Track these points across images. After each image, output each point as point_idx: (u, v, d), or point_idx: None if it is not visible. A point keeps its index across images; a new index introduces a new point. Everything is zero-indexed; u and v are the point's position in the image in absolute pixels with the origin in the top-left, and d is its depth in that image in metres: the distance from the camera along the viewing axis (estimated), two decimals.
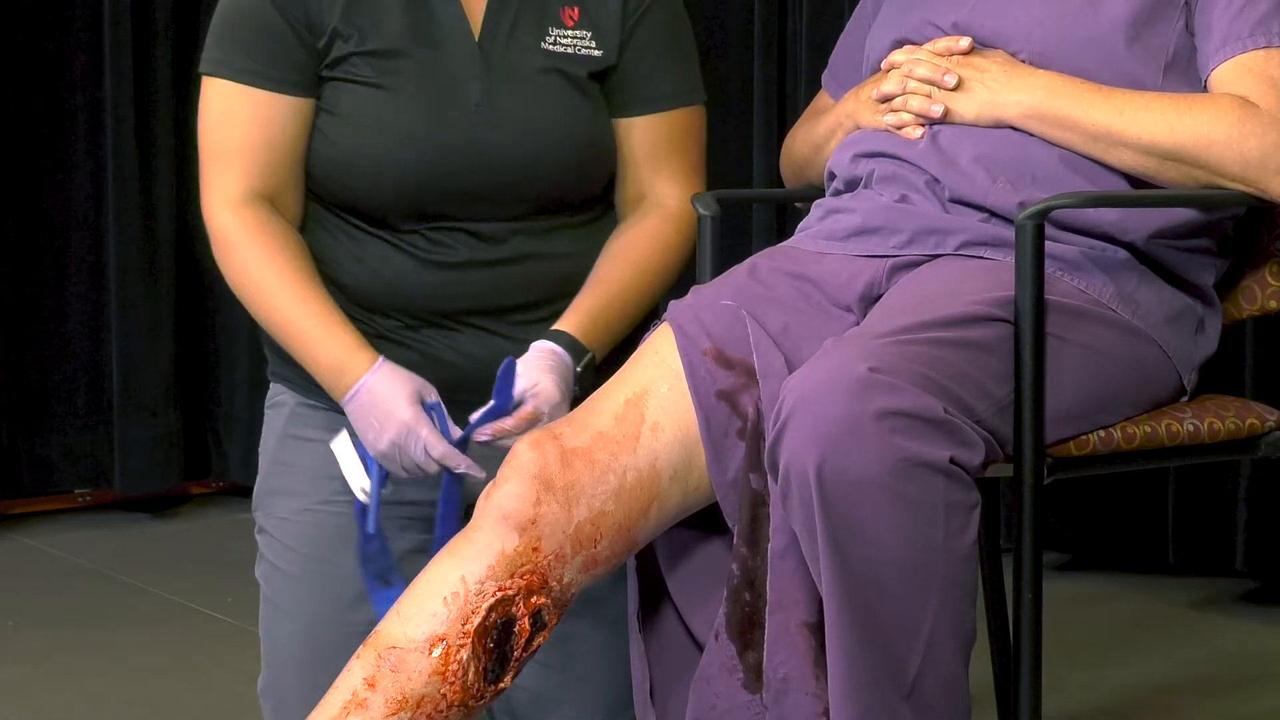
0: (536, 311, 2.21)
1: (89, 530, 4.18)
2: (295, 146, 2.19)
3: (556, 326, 2.15)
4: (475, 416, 2.07)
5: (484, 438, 2.06)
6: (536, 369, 2.09)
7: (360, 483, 2.11)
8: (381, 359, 2.12)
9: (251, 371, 4.34)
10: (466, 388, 2.16)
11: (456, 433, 2.08)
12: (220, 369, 4.41)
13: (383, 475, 2.11)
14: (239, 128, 2.18)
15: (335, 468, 2.20)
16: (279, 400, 2.30)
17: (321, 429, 2.23)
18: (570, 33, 2.21)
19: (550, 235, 2.22)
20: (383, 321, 2.20)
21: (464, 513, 2.02)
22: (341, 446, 2.13)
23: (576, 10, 2.22)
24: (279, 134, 2.18)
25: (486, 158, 2.17)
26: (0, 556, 3.96)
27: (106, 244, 4.24)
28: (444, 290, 2.19)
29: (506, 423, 2.05)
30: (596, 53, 2.22)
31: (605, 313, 2.18)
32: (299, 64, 2.17)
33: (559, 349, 2.12)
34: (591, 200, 2.27)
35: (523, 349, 2.15)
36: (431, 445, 2.06)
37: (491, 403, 2.07)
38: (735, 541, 1.89)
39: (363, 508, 2.11)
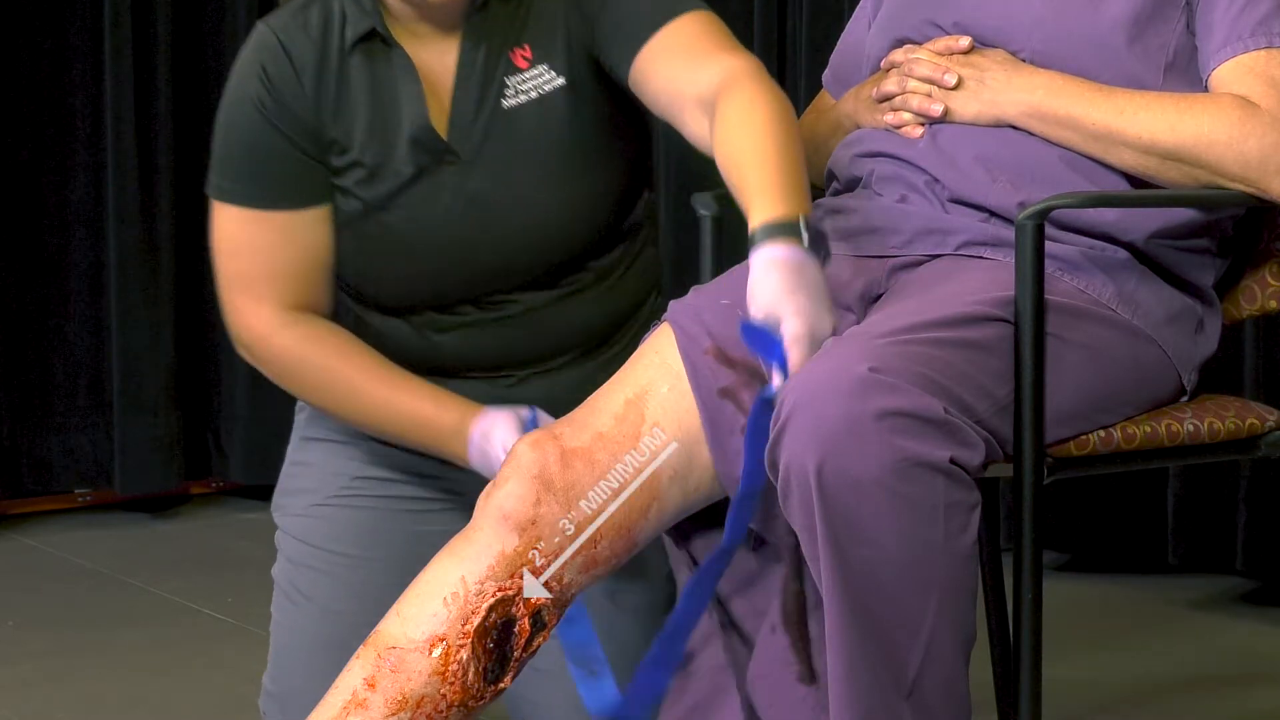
0: (541, 365, 2.18)
1: (89, 530, 4.18)
2: (320, 255, 2.15)
3: (754, 223, 1.84)
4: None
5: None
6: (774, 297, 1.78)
7: None
8: (476, 419, 2.09)
9: (251, 371, 4.30)
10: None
11: None
12: (220, 369, 4.41)
13: None
14: (259, 254, 2.13)
15: (346, 465, 2.21)
16: (301, 404, 2.32)
17: (334, 430, 2.24)
18: (526, 75, 2.12)
19: (564, 299, 2.17)
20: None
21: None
22: None
23: (527, 47, 2.12)
24: (301, 250, 2.14)
25: (475, 249, 2.13)
26: (0, 556, 3.96)
27: (106, 244, 4.24)
28: (445, 350, 2.17)
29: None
30: (558, 81, 2.11)
31: (782, 176, 1.87)
32: (309, 179, 2.13)
33: (779, 250, 1.79)
34: (608, 245, 2.19)
35: (511, 395, 2.13)
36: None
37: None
38: (780, 531, 1.89)
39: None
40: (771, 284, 1.78)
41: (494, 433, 2.07)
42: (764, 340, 1.79)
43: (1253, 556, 3.43)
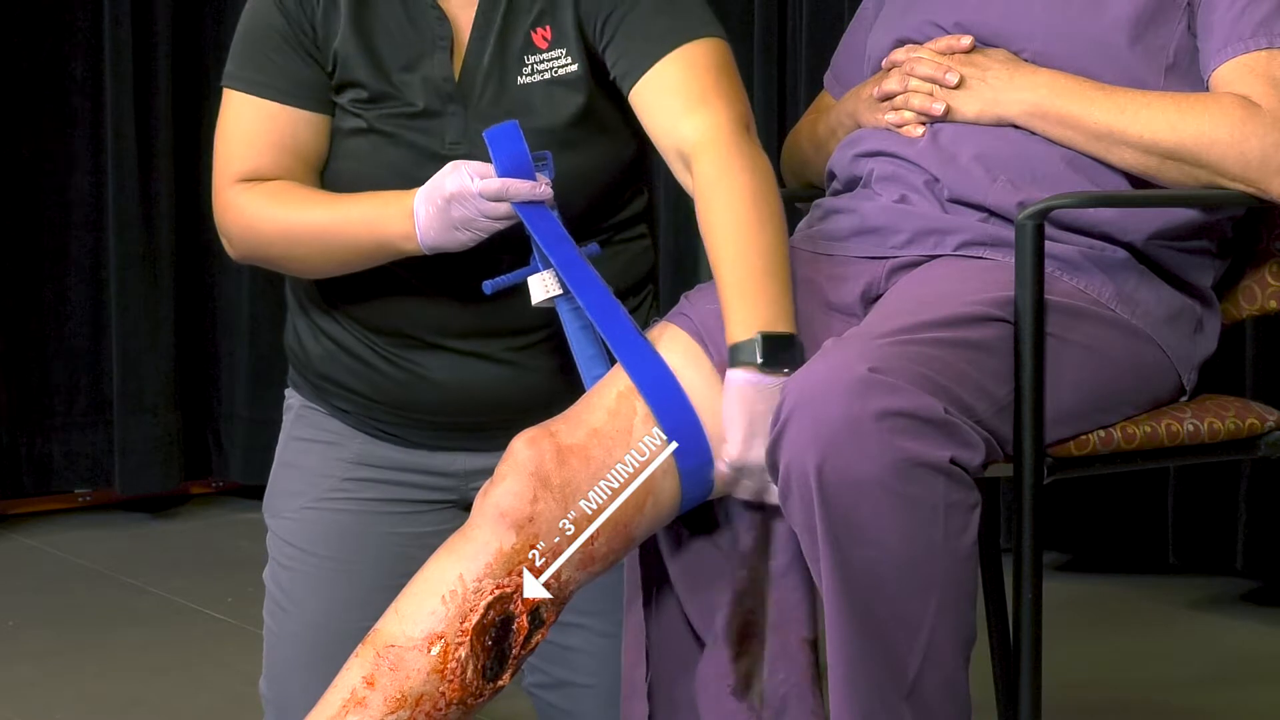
0: (535, 334, 2.16)
1: (89, 530, 4.18)
2: (308, 156, 2.16)
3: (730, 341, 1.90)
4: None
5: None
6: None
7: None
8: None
9: (251, 371, 4.34)
10: (456, 410, 2.16)
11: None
12: (220, 368, 4.41)
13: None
14: (248, 133, 2.16)
15: (334, 467, 2.21)
16: (289, 404, 2.32)
17: (322, 430, 2.24)
18: (544, 55, 2.12)
19: None
20: (377, 338, 2.18)
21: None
22: (537, 286, 2.06)
23: (548, 28, 2.12)
24: (289, 141, 2.15)
25: None
26: (0, 556, 3.96)
27: (106, 244, 4.24)
28: (440, 311, 2.15)
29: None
30: (572, 67, 2.11)
31: (755, 280, 1.93)
32: (308, 80, 2.15)
33: (739, 378, 1.87)
34: (602, 226, 2.18)
35: (510, 371, 2.13)
36: (475, 172, 2.02)
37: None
38: (747, 547, 1.89)
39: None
40: (731, 414, 1.87)
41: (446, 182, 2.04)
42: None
43: (1253, 556, 3.43)
